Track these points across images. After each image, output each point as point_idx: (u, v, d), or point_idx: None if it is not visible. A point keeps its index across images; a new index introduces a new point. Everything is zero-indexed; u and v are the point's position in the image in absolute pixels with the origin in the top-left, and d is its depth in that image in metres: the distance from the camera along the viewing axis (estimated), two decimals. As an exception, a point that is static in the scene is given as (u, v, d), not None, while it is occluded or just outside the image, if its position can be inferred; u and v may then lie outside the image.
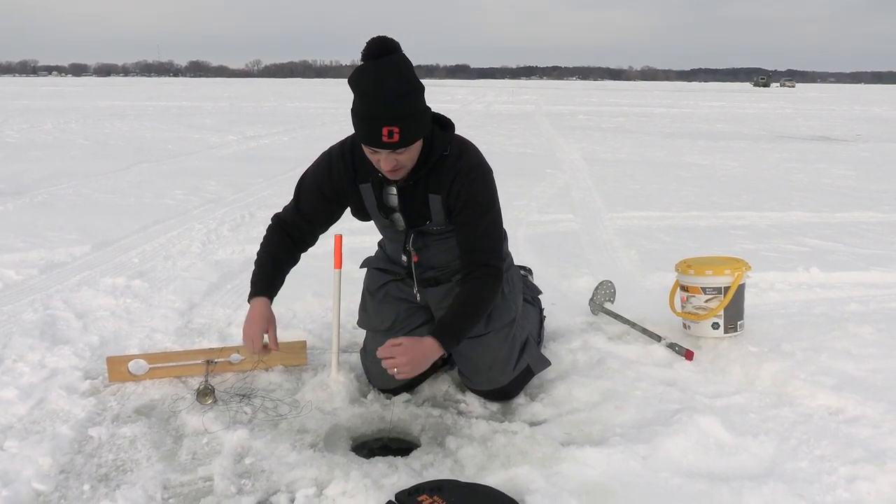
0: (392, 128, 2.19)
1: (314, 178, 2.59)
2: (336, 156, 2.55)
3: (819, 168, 9.93)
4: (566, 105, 29.36)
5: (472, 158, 2.47)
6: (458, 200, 2.44)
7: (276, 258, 2.61)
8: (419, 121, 2.28)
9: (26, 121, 16.56)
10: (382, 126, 2.19)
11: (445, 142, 2.44)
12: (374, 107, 2.19)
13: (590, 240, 5.45)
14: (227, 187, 7.51)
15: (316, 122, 17.98)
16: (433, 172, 2.44)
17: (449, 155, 2.44)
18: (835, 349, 3.02)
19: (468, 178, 2.43)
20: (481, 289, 2.45)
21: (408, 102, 2.22)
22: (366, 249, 3.19)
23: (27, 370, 2.85)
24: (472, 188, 2.43)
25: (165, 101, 28.76)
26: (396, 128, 2.19)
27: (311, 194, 2.59)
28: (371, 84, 2.18)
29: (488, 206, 2.48)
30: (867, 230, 5.86)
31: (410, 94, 2.23)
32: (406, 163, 2.33)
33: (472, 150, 2.51)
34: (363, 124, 2.24)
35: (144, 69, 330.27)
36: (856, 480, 2.10)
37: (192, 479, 2.17)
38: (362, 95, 2.21)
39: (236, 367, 2.93)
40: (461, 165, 2.44)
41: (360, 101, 2.22)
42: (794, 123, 20.00)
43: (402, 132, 2.21)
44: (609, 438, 2.34)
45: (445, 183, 2.44)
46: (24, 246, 4.81)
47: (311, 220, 2.62)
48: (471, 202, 2.44)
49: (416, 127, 2.26)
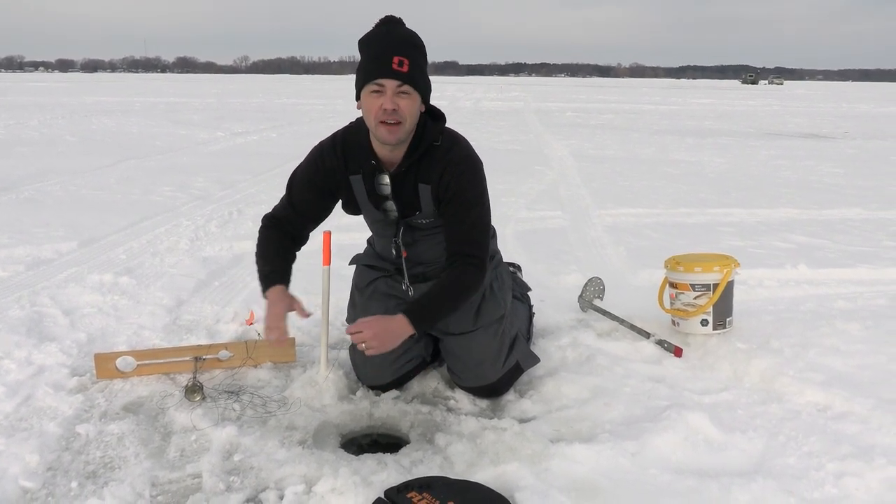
0: (402, 58, 2.27)
1: (306, 171, 2.59)
2: (327, 148, 2.56)
3: (807, 165, 9.98)
4: (555, 102, 29.39)
5: (462, 150, 2.48)
6: (447, 191, 2.45)
7: (279, 251, 2.60)
8: (424, 73, 2.37)
9: (12, 117, 16.42)
10: (393, 55, 2.27)
11: (437, 132, 2.46)
12: (384, 41, 2.30)
13: (578, 237, 5.46)
14: (215, 184, 7.47)
15: (304, 118, 17.93)
16: (423, 161, 2.45)
17: (440, 146, 2.46)
18: (823, 346, 3.04)
19: (458, 170, 2.44)
20: (462, 277, 2.45)
21: (417, 49, 2.33)
22: (355, 246, 3.18)
23: (14, 367, 2.82)
24: (462, 180, 2.44)
25: (153, 97, 28.59)
26: (407, 59, 2.27)
27: (303, 188, 2.58)
28: (383, 31, 2.32)
29: (477, 198, 2.48)
30: (854, 227, 5.90)
31: (420, 47, 2.35)
32: (405, 114, 2.32)
33: (462, 143, 2.52)
34: (372, 61, 2.30)
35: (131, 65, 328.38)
36: (844, 476, 2.11)
37: (181, 476, 2.16)
38: (372, 37, 2.33)
39: (225, 363, 2.91)
40: (451, 157, 2.45)
41: (370, 42, 2.32)
42: (782, 121, 20.10)
43: (412, 65, 2.29)
44: (598, 435, 2.35)
45: (435, 173, 2.44)
46: (10, 242, 4.77)
47: (303, 213, 2.61)
48: (460, 194, 2.44)
49: (421, 72, 2.34)
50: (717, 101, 33.98)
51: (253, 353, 2.93)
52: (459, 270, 2.46)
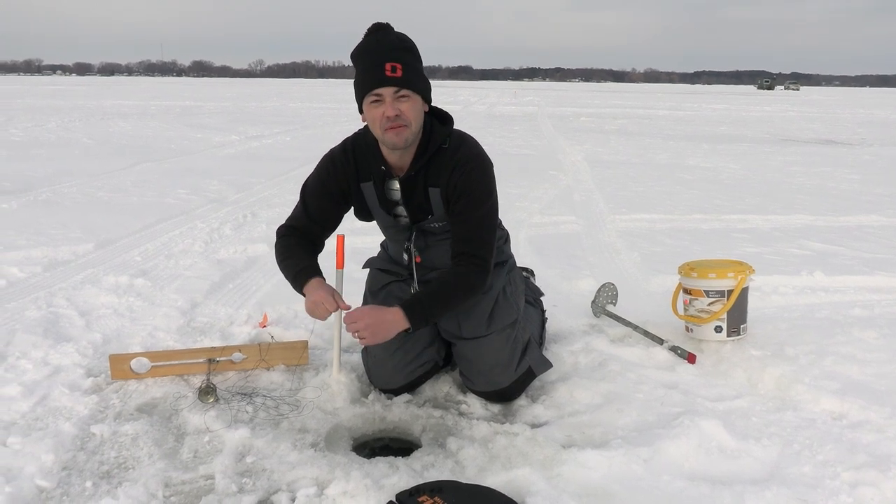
0: (395, 63, 2.27)
1: (318, 178, 2.59)
2: (338, 154, 2.57)
3: (823, 171, 9.91)
4: (569, 107, 29.35)
5: (470, 150, 2.48)
6: (455, 190, 2.45)
7: (306, 251, 2.58)
8: (420, 73, 2.36)
9: (30, 119, 16.59)
10: (385, 62, 2.27)
11: (444, 134, 2.46)
12: (374, 51, 2.30)
13: (592, 242, 5.45)
14: (230, 187, 7.51)
15: (318, 122, 18.00)
16: (432, 164, 2.45)
17: (448, 147, 2.46)
18: (839, 353, 3.01)
19: (466, 168, 2.44)
20: (465, 276, 2.45)
21: (409, 51, 2.33)
22: (368, 250, 3.19)
23: (30, 367, 2.85)
24: (470, 178, 2.44)
25: (169, 100, 28.81)
26: (399, 64, 2.28)
27: (317, 195, 2.59)
28: (372, 41, 2.31)
29: (485, 197, 2.48)
30: (871, 234, 5.84)
31: (411, 49, 2.34)
32: (409, 118, 2.33)
33: (470, 142, 2.52)
34: (365, 72, 2.31)
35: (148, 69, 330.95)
36: (859, 486, 2.10)
37: (194, 477, 2.17)
38: (363, 49, 2.32)
39: (238, 366, 2.93)
40: (459, 156, 2.45)
41: (361, 53, 2.32)
42: (797, 127, 19.98)
43: (405, 70, 2.29)
44: (610, 441, 2.34)
45: (444, 175, 2.45)
46: (28, 244, 4.82)
47: (319, 221, 2.61)
48: (467, 192, 2.44)
49: (417, 74, 2.34)
50: (732, 106, 33.82)
51: (266, 355, 2.94)
52: (464, 270, 2.45)
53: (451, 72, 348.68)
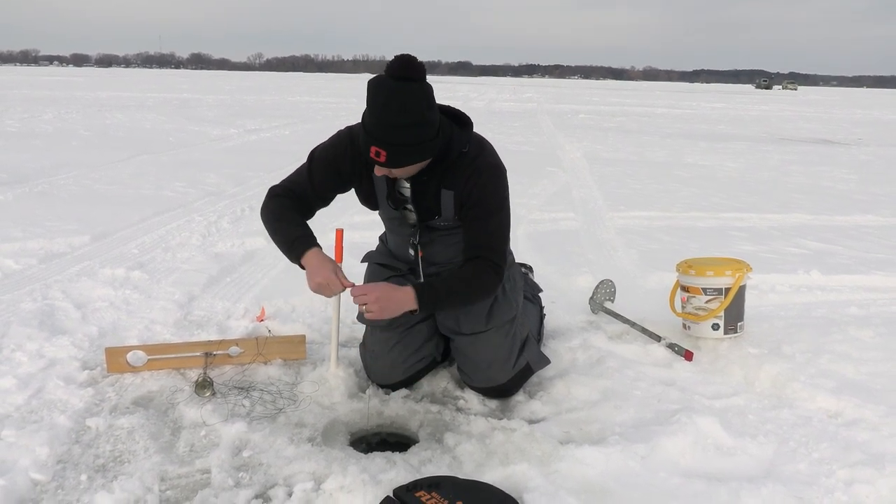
0: (379, 149, 2.24)
1: (332, 150, 2.54)
2: (357, 134, 2.48)
3: (820, 171, 9.93)
4: (568, 104, 29.33)
5: (489, 158, 2.47)
6: (470, 197, 2.44)
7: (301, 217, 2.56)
8: (413, 152, 2.28)
9: (27, 110, 16.52)
10: (371, 144, 2.24)
11: (464, 140, 2.44)
12: (371, 124, 2.24)
13: (590, 239, 5.45)
14: (228, 180, 7.50)
15: (317, 116, 17.96)
16: (449, 167, 2.43)
17: (467, 153, 2.44)
18: (835, 352, 3.02)
19: (483, 177, 2.43)
20: (479, 274, 2.45)
21: (403, 133, 2.22)
22: (367, 244, 3.18)
23: (25, 360, 2.84)
24: (486, 187, 2.43)
25: (167, 92, 28.73)
26: (384, 151, 2.24)
27: (325, 167, 2.54)
28: (379, 105, 2.21)
29: (499, 206, 2.47)
30: (867, 233, 5.86)
31: (410, 126, 2.22)
32: (401, 175, 2.38)
33: (489, 150, 2.50)
34: (363, 135, 2.29)
35: (146, 60, 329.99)
36: (854, 483, 2.11)
37: (190, 471, 2.17)
38: (369, 109, 2.25)
39: (235, 359, 2.92)
40: (478, 164, 2.44)
41: (367, 113, 2.26)
42: (794, 126, 20.00)
43: (389, 156, 2.25)
44: (608, 437, 2.34)
45: (461, 180, 2.43)
46: (24, 235, 4.80)
47: (320, 192, 2.57)
48: (482, 201, 2.44)
49: (405, 155, 2.28)
50: (730, 105, 33.84)
51: (263, 349, 2.94)
52: (479, 270, 2.44)
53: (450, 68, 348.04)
